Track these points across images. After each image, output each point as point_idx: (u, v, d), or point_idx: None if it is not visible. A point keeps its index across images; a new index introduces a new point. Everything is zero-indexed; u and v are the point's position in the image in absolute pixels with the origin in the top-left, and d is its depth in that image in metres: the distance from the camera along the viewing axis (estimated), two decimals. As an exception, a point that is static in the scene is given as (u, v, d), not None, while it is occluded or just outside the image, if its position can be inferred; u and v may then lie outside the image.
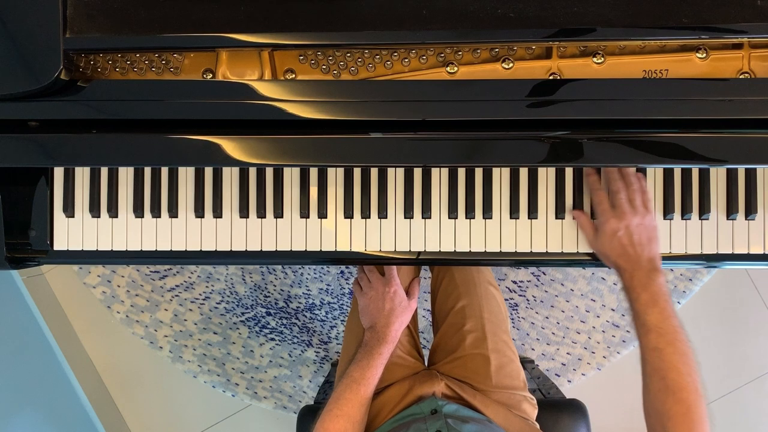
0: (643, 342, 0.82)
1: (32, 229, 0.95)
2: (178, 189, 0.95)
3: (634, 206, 0.87)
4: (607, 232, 0.87)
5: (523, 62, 0.87)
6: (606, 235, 0.87)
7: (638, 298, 0.83)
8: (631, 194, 0.88)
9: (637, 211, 0.87)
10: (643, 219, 0.86)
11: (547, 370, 1.78)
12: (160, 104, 0.83)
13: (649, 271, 0.84)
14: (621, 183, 0.88)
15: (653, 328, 0.81)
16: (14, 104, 0.83)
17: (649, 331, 0.81)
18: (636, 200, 0.87)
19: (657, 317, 0.81)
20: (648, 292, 0.83)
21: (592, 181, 0.91)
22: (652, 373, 0.80)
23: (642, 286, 0.84)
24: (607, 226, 0.87)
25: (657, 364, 0.79)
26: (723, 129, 0.82)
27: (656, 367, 0.79)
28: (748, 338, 1.77)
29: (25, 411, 1.53)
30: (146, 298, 1.78)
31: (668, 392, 0.77)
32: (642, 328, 0.82)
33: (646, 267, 0.85)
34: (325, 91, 0.83)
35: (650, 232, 0.87)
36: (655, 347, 0.80)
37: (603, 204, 0.89)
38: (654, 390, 0.79)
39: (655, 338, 0.80)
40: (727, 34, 0.80)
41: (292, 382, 1.80)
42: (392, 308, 1.05)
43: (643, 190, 0.89)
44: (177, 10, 0.81)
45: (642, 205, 0.87)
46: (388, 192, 0.94)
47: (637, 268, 0.85)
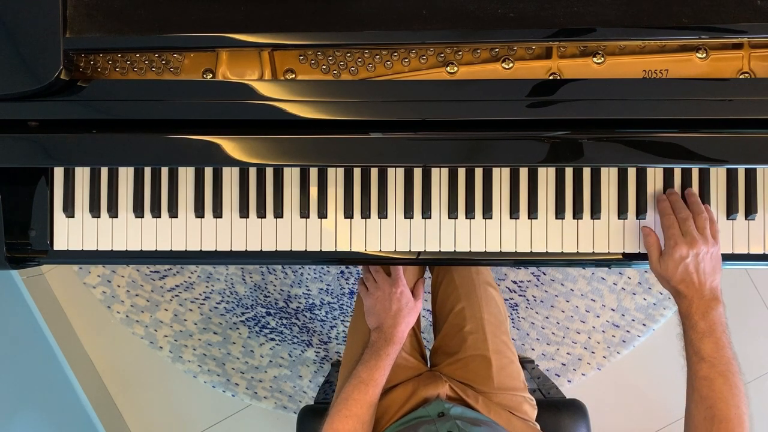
0: (694, 369, 0.82)
1: (32, 229, 0.95)
2: (178, 189, 0.95)
3: (704, 234, 0.86)
4: (675, 257, 0.86)
5: (523, 62, 0.87)
6: (673, 260, 0.86)
7: (695, 326, 0.83)
8: (701, 222, 0.87)
9: (707, 240, 0.86)
10: (710, 248, 0.86)
11: (547, 370, 1.78)
12: (160, 104, 0.83)
13: (710, 301, 0.84)
14: (689, 212, 0.88)
15: (707, 358, 0.80)
16: (14, 104, 0.83)
17: (702, 360, 0.81)
18: (706, 228, 0.87)
19: (712, 347, 0.81)
20: (706, 322, 0.82)
21: (664, 207, 0.90)
22: (699, 401, 0.79)
23: (700, 314, 0.83)
24: (676, 251, 0.86)
25: (706, 393, 0.79)
26: (723, 129, 0.82)
27: (704, 395, 0.79)
28: (748, 338, 1.77)
29: (25, 411, 1.53)
30: (146, 298, 1.78)
31: (714, 421, 0.77)
32: (695, 356, 0.82)
33: (708, 296, 0.84)
34: (325, 91, 0.83)
35: (716, 263, 0.86)
36: (706, 376, 0.80)
37: (673, 229, 0.88)
38: (699, 418, 0.79)
39: (707, 368, 0.80)
40: (727, 34, 0.80)
41: (292, 382, 1.80)
42: (399, 309, 1.05)
43: (712, 219, 0.89)
44: (177, 10, 0.81)
45: (711, 234, 0.87)
46: (388, 192, 0.94)
47: (698, 297, 0.84)
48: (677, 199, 0.90)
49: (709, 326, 0.82)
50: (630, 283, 1.74)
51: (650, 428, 1.80)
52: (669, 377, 1.75)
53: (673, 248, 0.86)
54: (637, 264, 0.95)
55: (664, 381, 1.77)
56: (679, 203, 0.89)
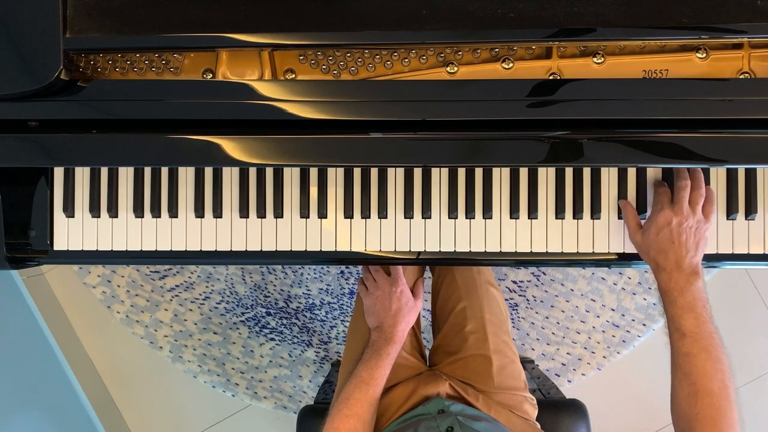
0: (676, 346, 0.80)
1: (32, 229, 0.95)
2: (178, 189, 0.95)
3: (694, 208, 0.85)
4: (658, 222, 0.84)
5: (523, 62, 0.87)
6: (655, 225, 0.84)
7: (674, 301, 0.81)
8: (696, 197, 0.85)
9: (695, 213, 0.84)
10: (698, 224, 0.84)
11: (547, 370, 1.78)
12: (160, 104, 0.83)
13: (689, 275, 0.82)
14: (689, 182, 0.86)
15: (688, 333, 0.79)
16: (14, 104, 0.83)
17: (683, 335, 0.79)
18: (698, 203, 0.85)
19: (692, 322, 0.79)
20: (685, 297, 0.81)
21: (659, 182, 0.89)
22: (683, 377, 0.78)
23: (679, 290, 0.81)
24: (661, 215, 0.84)
25: (688, 369, 0.78)
26: (723, 129, 0.82)
27: (687, 371, 0.78)
28: (748, 338, 1.77)
29: (25, 411, 1.53)
30: (146, 298, 1.78)
31: (698, 396, 0.75)
32: (676, 333, 0.80)
33: (687, 270, 0.82)
34: (325, 91, 0.83)
35: (700, 239, 0.84)
36: (687, 352, 0.78)
37: (663, 195, 0.86)
38: (683, 394, 0.78)
39: (689, 343, 0.78)
40: (727, 34, 0.80)
41: (292, 382, 1.80)
42: (399, 308, 1.05)
43: (710, 200, 0.87)
44: (177, 10, 0.81)
45: (703, 212, 0.85)
46: (388, 192, 0.94)
47: (677, 270, 0.82)
48: (681, 169, 0.88)
49: (689, 301, 0.80)
50: (630, 283, 1.74)
51: (650, 428, 1.79)
52: (669, 377, 1.75)
53: (658, 212, 0.85)
54: (637, 264, 0.95)
55: (664, 381, 1.74)
56: (682, 171, 0.87)
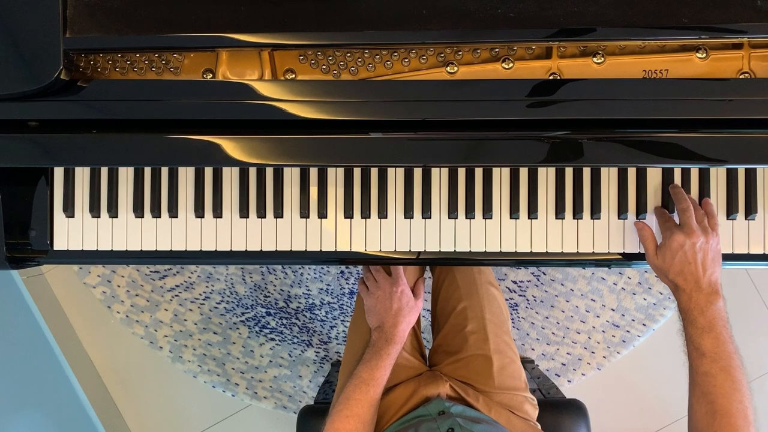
0: (695, 365, 0.81)
1: (32, 229, 0.95)
2: (178, 189, 0.95)
3: (702, 226, 0.86)
4: (672, 247, 0.85)
5: (523, 62, 0.87)
6: (670, 250, 0.85)
7: (695, 321, 0.82)
8: (699, 216, 0.87)
9: (705, 231, 0.85)
10: (709, 240, 0.85)
11: (547, 370, 1.78)
12: (160, 104, 0.83)
13: (709, 295, 0.82)
14: (689, 203, 0.87)
15: (707, 353, 0.79)
16: (14, 104, 0.83)
17: (703, 355, 0.80)
18: (703, 221, 0.86)
19: (712, 343, 0.80)
20: (705, 317, 0.81)
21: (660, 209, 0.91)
22: (701, 396, 0.79)
23: (699, 309, 0.82)
24: (673, 239, 0.85)
25: (707, 388, 0.78)
26: (723, 129, 0.82)
27: (706, 391, 0.78)
28: (748, 339, 1.77)
29: (25, 411, 1.53)
30: (146, 298, 1.78)
31: (716, 416, 0.76)
32: (695, 352, 0.81)
33: (706, 290, 0.83)
34: (325, 91, 0.83)
35: (715, 255, 0.85)
36: (707, 372, 0.79)
37: (670, 221, 0.88)
38: (701, 413, 0.78)
39: (708, 363, 0.79)
40: (727, 34, 0.80)
41: (292, 382, 1.80)
42: (400, 308, 1.04)
43: (712, 214, 0.88)
44: (177, 10, 0.81)
45: (710, 226, 0.86)
46: (388, 192, 0.94)
47: (696, 290, 0.83)
48: (679, 191, 0.89)
49: (709, 321, 0.81)
50: (630, 283, 1.74)
51: (650, 428, 1.79)
52: (669, 377, 1.75)
53: (670, 237, 0.86)
54: (637, 264, 0.95)
55: (664, 381, 1.77)
56: (680, 195, 0.89)
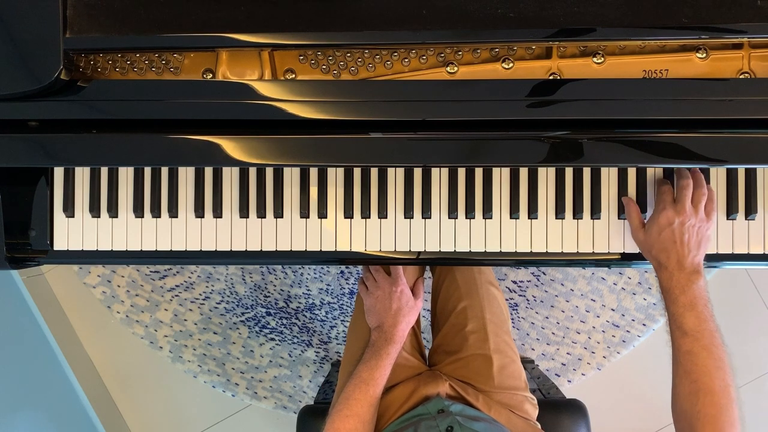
0: (678, 344, 0.81)
1: (32, 229, 0.95)
2: (178, 189, 0.95)
3: (696, 207, 0.85)
4: (660, 221, 0.84)
5: (523, 62, 0.87)
6: (657, 224, 0.85)
7: (676, 300, 0.82)
8: (698, 196, 0.86)
9: (697, 213, 0.85)
10: (700, 223, 0.84)
11: (547, 370, 1.78)
12: (160, 104, 0.83)
13: (690, 274, 0.82)
14: (690, 181, 0.86)
15: (689, 332, 0.79)
16: (14, 104, 0.83)
17: (685, 334, 0.79)
18: (700, 202, 0.86)
19: (694, 321, 0.79)
20: (687, 296, 0.81)
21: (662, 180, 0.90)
22: (684, 375, 0.79)
23: (681, 288, 0.82)
24: (663, 215, 0.84)
25: (689, 367, 0.78)
26: (723, 129, 0.82)
27: (688, 370, 0.78)
28: (748, 338, 1.77)
29: (25, 411, 1.53)
30: (146, 298, 1.78)
31: (699, 394, 0.76)
32: (677, 331, 0.81)
33: (688, 269, 0.83)
34: (325, 91, 0.83)
35: (702, 238, 0.85)
36: (689, 351, 0.79)
37: (666, 194, 0.87)
38: (685, 392, 0.78)
39: (690, 342, 0.79)
40: (727, 34, 0.80)
41: (292, 382, 1.80)
42: (399, 308, 1.04)
43: (711, 199, 0.88)
44: (177, 10, 0.81)
45: (705, 210, 0.86)
46: (388, 192, 0.94)
47: (679, 269, 0.83)
48: (682, 168, 0.89)
49: (690, 300, 0.81)
50: (630, 283, 1.74)
51: (650, 428, 1.79)
52: (669, 377, 1.74)
53: (660, 212, 0.85)
54: (637, 264, 0.95)
55: (664, 381, 1.74)
56: (683, 171, 0.88)
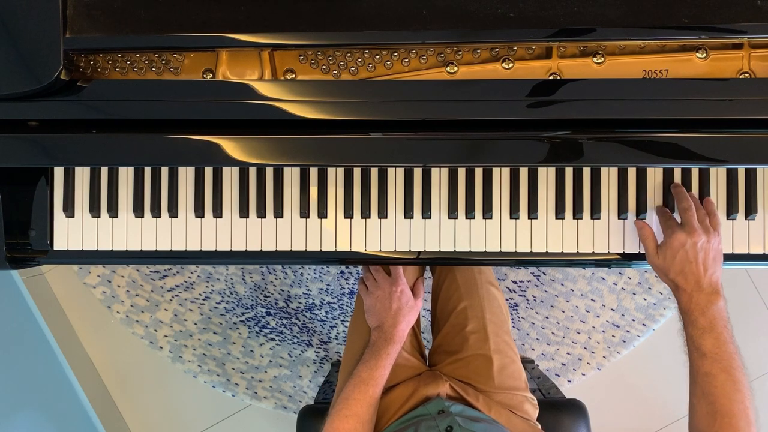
0: (696, 365, 0.81)
1: (32, 229, 0.95)
2: (178, 189, 0.95)
3: (704, 225, 0.85)
4: (673, 245, 0.85)
5: (523, 62, 0.87)
6: (671, 249, 0.85)
7: (695, 322, 0.81)
8: (701, 215, 0.86)
9: (707, 230, 0.85)
10: (710, 239, 0.84)
11: (547, 370, 1.78)
12: (160, 104, 0.83)
13: (710, 295, 0.82)
14: (691, 202, 0.87)
15: (708, 354, 0.79)
16: (14, 104, 0.83)
17: (704, 356, 0.79)
18: (705, 220, 0.86)
19: (713, 343, 0.79)
20: (706, 317, 0.81)
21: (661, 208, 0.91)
22: (702, 396, 0.78)
23: (700, 310, 0.82)
24: (674, 238, 0.85)
25: (708, 389, 0.78)
26: (723, 129, 0.82)
27: (707, 391, 0.78)
28: (748, 339, 1.77)
29: (25, 411, 1.53)
30: (146, 298, 1.78)
31: (716, 416, 0.76)
32: (696, 352, 0.81)
33: (707, 290, 0.83)
34: (325, 91, 0.83)
35: (716, 254, 0.85)
36: (708, 372, 0.79)
37: (671, 220, 0.88)
38: (702, 413, 0.78)
39: (709, 364, 0.79)
40: (727, 34, 0.80)
41: (292, 382, 1.80)
42: (399, 308, 1.05)
43: (713, 213, 0.88)
44: (177, 10, 0.81)
45: (711, 225, 0.86)
46: (388, 192, 0.94)
47: (697, 290, 0.83)
48: (680, 190, 0.89)
49: (710, 322, 0.81)
50: (630, 283, 1.74)
51: (650, 428, 1.80)
52: (669, 377, 1.75)
53: (671, 236, 0.85)
54: (637, 264, 0.95)
55: (664, 381, 1.77)
56: (681, 194, 0.89)
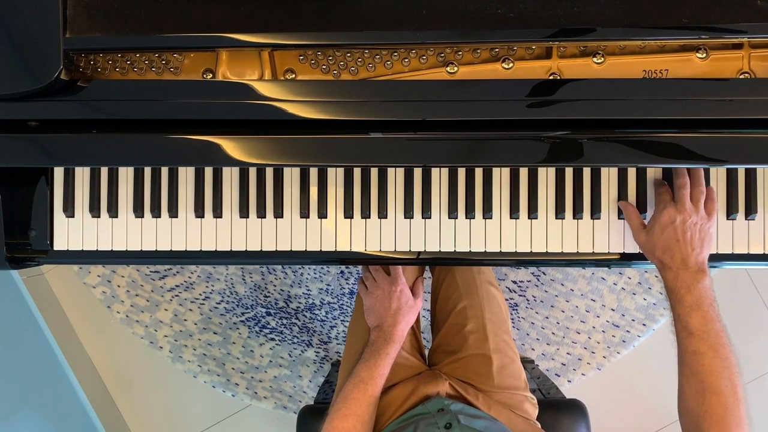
0: (684, 344, 0.80)
1: (32, 229, 0.95)
2: (178, 189, 0.95)
3: (696, 205, 0.85)
4: (662, 220, 0.84)
5: (523, 62, 0.87)
6: (659, 224, 0.84)
7: (681, 300, 0.81)
8: (697, 194, 0.86)
9: (698, 211, 0.84)
10: (702, 221, 0.84)
11: (547, 370, 1.78)
12: (160, 104, 0.83)
13: (695, 273, 0.82)
14: (687, 180, 0.86)
15: (695, 332, 0.79)
16: (14, 104, 0.83)
17: (691, 334, 0.79)
18: (699, 200, 0.85)
19: (700, 320, 0.79)
20: (692, 295, 0.81)
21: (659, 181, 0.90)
22: (691, 375, 0.78)
23: (686, 288, 0.81)
24: (664, 213, 0.84)
25: (696, 367, 0.78)
26: (723, 129, 0.82)
27: (695, 370, 0.78)
28: (748, 338, 1.77)
29: (25, 411, 1.53)
30: (146, 298, 1.78)
31: (705, 394, 0.76)
32: (683, 331, 0.80)
33: (693, 268, 0.82)
34: (325, 91, 0.83)
35: (705, 236, 0.84)
36: (695, 350, 0.78)
37: (665, 195, 0.87)
38: (691, 392, 0.78)
39: (696, 342, 0.78)
40: (727, 34, 0.80)
41: (292, 382, 1.80)
42: (399, 307, 1.05)
43: (711, 197, 0.87)
44: (177, 10, 0.81)
45: (705, 208, 0.85)
46: (388, 192, 0.94)
47: (683, 268, 0.82)
48: (679, 168, 0.88)
49: (696, 300, 0.80)
50: (630, 283, 1.74)
51: (650, 428, 1.80)
52: (669, 377, 1.73)
53: (661, 211, 0.85)
54: (637, 264, 0.95)
55: (664, 381, 1.77)
56: (680, 170, 0.88)
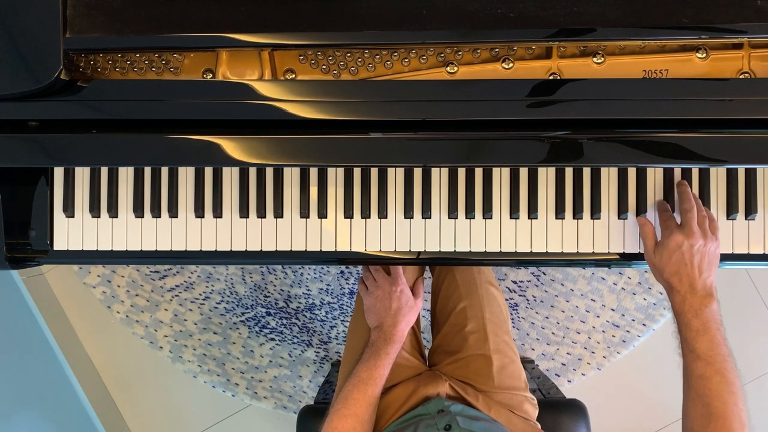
0: (690, 368, 0.81)
1: (32, 229, 0.95)
2: (178, 189, 0.95)
3: (702, 228, 0.86)
4: (670, 245, 0.85)
5: (523, 62, 0.87)
6: (667, 249, 0.85)
7: (689, 324, 0.82)
8: (701, 218, 0.87)
9: (705, 234, 0.85)
10: (708, 243, 0.85)
11: (547, 370, 1.78)
12: (160, 104, 0.83)
13: (703, 297, 0.83)
14: (693, 205, 0.87)
15: (702, 356, 0.79)
16: (14, 104, 0.83)
17: (698, 358, 0.80)
18: (704, 224, 0.86)
19: (707, 345, 0.80)
20: (699, 320, 0.81)
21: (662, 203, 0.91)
22: (697, 398, 0.79)
23: (694, 312, 0.82)
24: (672, 239, 0.85)
25: (702, 391, 0.78)
26: (723, 129, 0.82)
27: (701, 393, 0.78)
28: (748, 339, 1.77)
29: (25, 411, 1.53)
30: (146, 298, 1.78)
31: (711, 418, 0.76)
32: (690, 355, 0.81)
33: (701, 293, 0.83)
34: (325, 91, 0.83)
35: (712, 259, 0.85)
36: (701, 375, 0.79)
37: (671, 220, 0.88)
38: (696, 414, 0.78)
39: (702, 366, 0.79)
40: (727, 34, 0.80)
41: (292, 382, 1.80)
42: (399, 307, 1.05)
43: (712, 218, 0.89)
44: (177, 10, 0.81)
45: (710, 230, 0.86)
46: (388, 192, 0.94)
47: (691, 292, 0.83)
48: (684, 190, 0.89)
49: (703, 324, 0.81)
50: (630, 283, 1.74)
51: (650, 428, 1.80)
52: (669, 377, 1.75)
53: (668, 237, 0.86)
54: (637, 264, 0.95)
55: (664, 381, 1.77)
56: (685, 194, 0.89)
